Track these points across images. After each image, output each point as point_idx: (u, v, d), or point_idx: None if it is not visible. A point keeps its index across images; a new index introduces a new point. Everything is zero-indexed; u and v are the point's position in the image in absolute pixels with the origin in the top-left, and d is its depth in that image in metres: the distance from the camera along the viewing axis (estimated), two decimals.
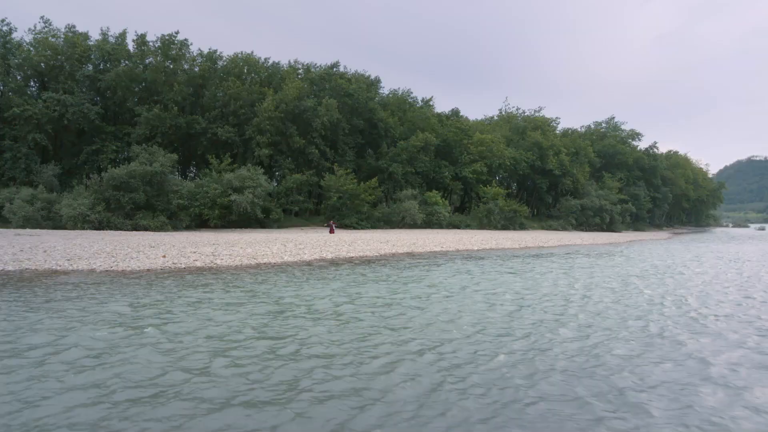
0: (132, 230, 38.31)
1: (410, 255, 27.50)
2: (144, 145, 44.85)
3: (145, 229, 38.91)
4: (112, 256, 20.34)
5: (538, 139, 71.54)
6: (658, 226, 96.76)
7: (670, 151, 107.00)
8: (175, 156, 44.31)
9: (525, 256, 29.00)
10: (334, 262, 22.48)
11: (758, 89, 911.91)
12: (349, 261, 23.36)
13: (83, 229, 37.15)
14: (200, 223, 43.85)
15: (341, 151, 57.20)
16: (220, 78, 53.91)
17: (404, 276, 18.75)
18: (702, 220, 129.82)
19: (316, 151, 53.23)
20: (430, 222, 56.70)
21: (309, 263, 21.84)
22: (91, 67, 49.83)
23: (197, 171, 54.35)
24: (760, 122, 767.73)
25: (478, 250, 31.85)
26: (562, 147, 74.28)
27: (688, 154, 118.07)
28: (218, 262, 20.30)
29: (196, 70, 53.26)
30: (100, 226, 38.14)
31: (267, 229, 45.44)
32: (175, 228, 40.99)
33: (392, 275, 18.84)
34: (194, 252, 22.89)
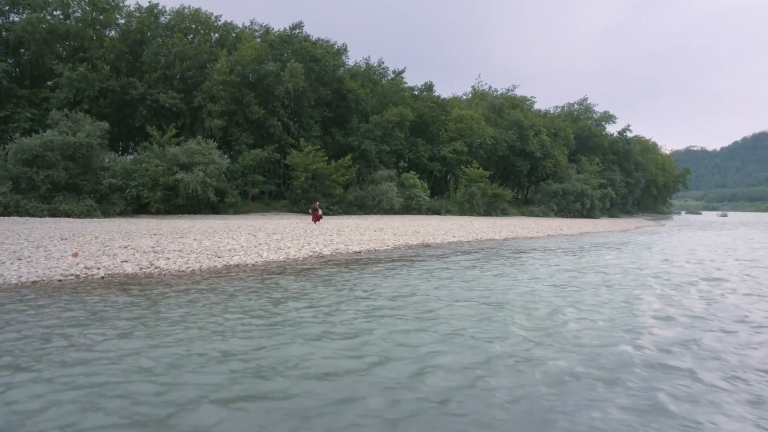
0: (50, 217, 29.96)
1: (427, 246, 20.90)
2: (66, 110, 36.03)
3: (68, 215, 30.53)
4: None
5: (518, 118, 65.91)
6: (630, 213, 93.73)
7: (637, 136, 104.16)
8: (106, 125, 35.74)
9: (580, 246, 22.85)
10: (343, 261, 15.66)
11: (697, 83, 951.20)
12: (358, 258, 16.58)
13: None
14: (138, 208, 35.59)
15: (306, 125, 49.62)
16: (163, 34, 45.20)
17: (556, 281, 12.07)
18: (657, 207, 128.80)
19: (279, 123, 45.52)
20: (409, 207, 50.14)
21: (302, 262, 14.89)
22: None
23: (135, 145, 45.43)
24: (698, 114, 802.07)
25: (503, 240, 25.59)
26: (542, 127, 68.98)
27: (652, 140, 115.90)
28: (161, 263, 13.03)
29: (133, 23, 44.27)
30: (5, 211, 29.57)
31: (222, 215, 37.71)
32: (107, 214, 32.70)
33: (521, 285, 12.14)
34: (126, 247, 15.44)
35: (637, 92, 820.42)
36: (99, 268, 11.94)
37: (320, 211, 32.44)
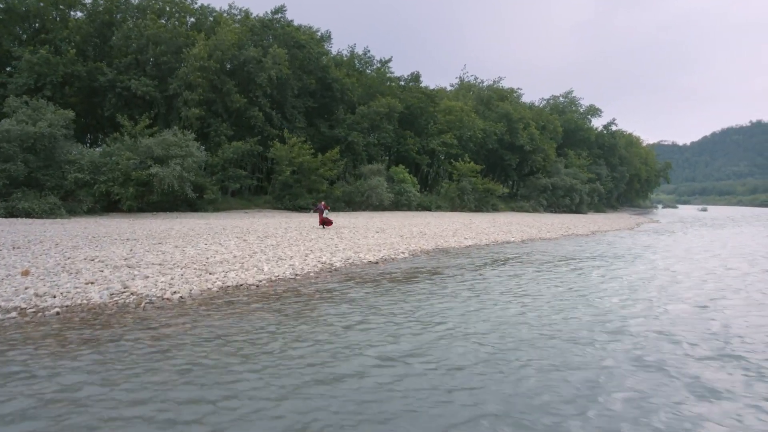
0: (7, 216, 26.61)
1: (446, 253, 18.40)
2: (26, 97, 32.46)
3: (28, 214, 27.15)
4: None
5: (507, 110, 63.74)
6: (614, 208, 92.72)
7: (620, 130, 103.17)
8: (70, 113, 32.29)
9: (619, 250, 20.59)
10: (365, 277, 13.06)
11: (668, 80, 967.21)
12: (380, 271, 14.00)
13: None
14: (108, 205, 32.25)
15: (290, 116, 46.56)
16: (134, 16, 41.58)
17: None
18: (635, 201, 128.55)
19: (260, 114, 42.39)
20: (398, 203, 47.60)
21: (315, 278, 12.25)
22: None
23: (104, 137, 41.75)
24: (669, 110, 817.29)
25: (522, 242, 23.26)
26: (531, 120, 66.95)
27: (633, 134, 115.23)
28: (138, 286, 10.26)
29: (100, 3, 40.54)
30: None
31: (201, 213, 34.65)
32: (73, 213, 29.38)
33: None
34: (92, 260, 12.61)
35: (610, 88, 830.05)
36: (55, 296, 9.10)
37: (327, 213, 25.45)
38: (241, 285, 11.03)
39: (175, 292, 9.84)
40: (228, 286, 10.83)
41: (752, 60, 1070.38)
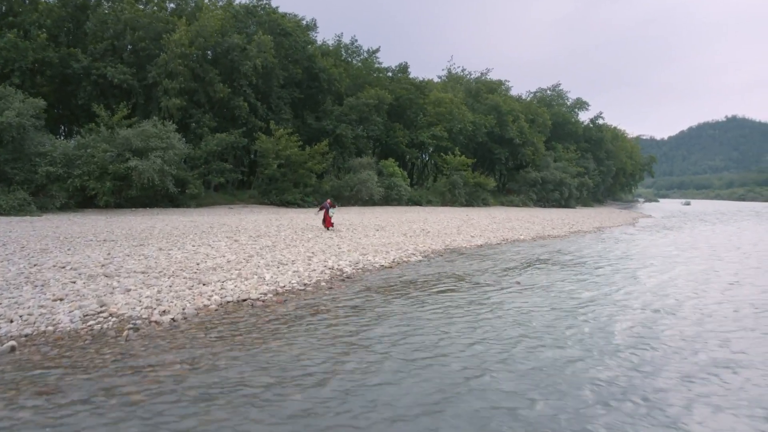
0: None
1: (460, 254, 16.91)
2: None
3: None
4: None
5: (496, 102, 62.43)
6: (600, 202, 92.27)
7: (606, 124, 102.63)
8: (41, 102, 30.05)
9: (650, 255, 19.33)
10: (384, 284, 11.49)
11: (646, 75, 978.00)
12: (396, 276, 12.41)
13: None
14: (83, 201, 30.07)
15: (275, 107, 44.59)
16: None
17: None
18: (616, 195, 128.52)
19: (245, 104, 40.39)
20: (389, 197, 46.04)
21: (327, 289, 10.60)
22: None
23: (79, 129, 39.30)
24: (648, 105, 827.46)
25: (533, 240, 21.87)
26: (520, 112, 65.72)
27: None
28: (118, 303, 8.54)
29: None
30: None
31: (183, 209, 32.71)
32: (44, 209, 27.24)
33: None
34: (63, 267, 10.87)
35: (590, 83, 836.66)
36: (12, 320, 7.34)
37: (333, 212, 21.56)
38: (244, 300, 9.33)
39: (164, 312, 8.13)
40: (228, 302, 9.11)
41: (728, 56, 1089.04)
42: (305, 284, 10.81)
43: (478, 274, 13.41)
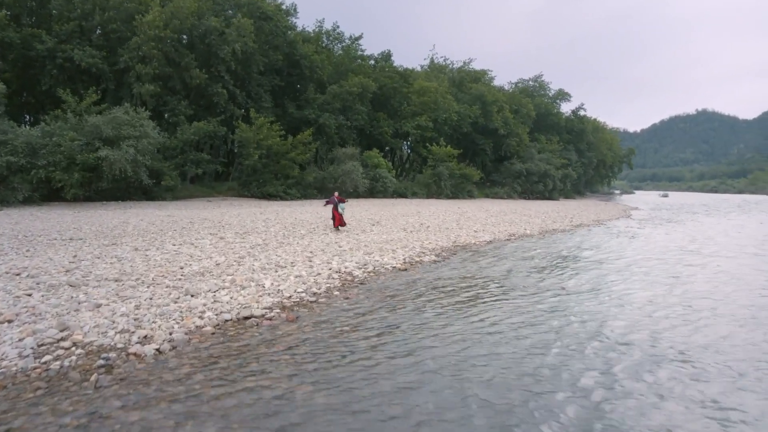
0: None
1: (471, 252, 15.45)
2: None
3: None
4: None
5: (481, 92, 61.17)
6: (581, 194, 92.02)
7: (586, 116, 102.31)
8: (1, 86, 27.64)
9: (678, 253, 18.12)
10: (404, 291, 9.88)
11: (618, 69, 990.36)
12: (412, 280, 10.79)
13: None
14: (49, 193, 27.79)
15: (255, 95, 42.54)
16: None
17: None
18: (594, 187, 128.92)
19: (224, 91, 38.26)
20: (374, 189, 44.45)
21: (342, 298, 9.03)
22: None
23: (44, 115, 36.63)
24: (620, 98, 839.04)
25: (541, 235, 20.48)
26: (505, 103, 64.57)
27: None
28: (85, 326, 6.83)
29: None
30: None
31: (159, 202, 30.64)
32: (5, 203, 24.98)
33: None
34: (17, 275, 9.16)
35: (566, 76, 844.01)
36: None
37: (342, 208, 18.51)
38: (247, 318, 7.66)
39: (146, 338, 6.45)
40: (226, 320, 7.43)
41: (699, 52, 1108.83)
42: (315, 293, 9.21)
43: (508, 276, 12.00)
